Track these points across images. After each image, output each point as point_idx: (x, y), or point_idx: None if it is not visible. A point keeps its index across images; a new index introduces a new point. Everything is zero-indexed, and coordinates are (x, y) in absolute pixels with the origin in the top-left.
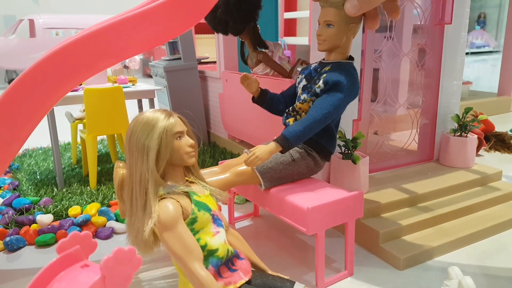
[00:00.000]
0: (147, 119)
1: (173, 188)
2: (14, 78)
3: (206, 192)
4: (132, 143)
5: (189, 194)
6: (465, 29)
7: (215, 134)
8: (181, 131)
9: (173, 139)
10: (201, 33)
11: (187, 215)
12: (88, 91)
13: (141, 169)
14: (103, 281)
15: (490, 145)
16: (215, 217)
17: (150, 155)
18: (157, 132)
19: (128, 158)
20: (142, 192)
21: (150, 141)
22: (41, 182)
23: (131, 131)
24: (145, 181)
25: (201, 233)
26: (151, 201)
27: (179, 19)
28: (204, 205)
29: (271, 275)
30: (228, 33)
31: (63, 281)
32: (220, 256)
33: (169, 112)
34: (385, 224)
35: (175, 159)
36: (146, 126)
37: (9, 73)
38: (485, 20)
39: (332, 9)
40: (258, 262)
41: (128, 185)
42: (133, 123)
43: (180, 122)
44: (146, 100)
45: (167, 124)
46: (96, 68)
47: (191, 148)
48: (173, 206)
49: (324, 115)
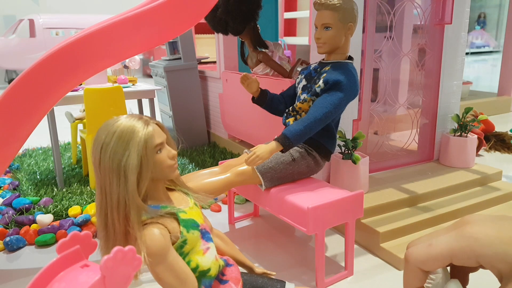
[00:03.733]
0: (121, 129)
1: (156, 211)
2: (14, 78)
3: (190, 201)
4: (104, 160)
5: (176, 214)
6: (465, 29)
7: (215, 134)
8: (161, 143)
9: (154, 154)
10: (201, 33)
11: (175, 239)
12: (88, 91)
13: (118, 192)
14: (103, 281)
15: (490, 145)
16: (203, 231)
17: (130, 177)
18: (136, 148)
19: (98, 177)
20: (121, 218)
21: (128, 160)
22: (41, 182)
23: (102, 145)
24: (124, 207)
25: (191, 255)
26: (135, 229)
27: (179, 19)
28: (192, 222)
29: (260, 276)
30: (228, 33)
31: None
32: (212, 276)
33: (146, 118)
34: (385, 224)
35: (156, 175)
36: (120, 139)
37: (9, 73)
38: (485, 20)
39: (328, 12)
40: (244, 261)
41: (101, 208)
42: (104, 135)
43: (158, 130)
44: (146, 100)
45: (146, 136)
46: (96, 68)
47: (173, 161)
48: (160, 233)
49: (325, 114)
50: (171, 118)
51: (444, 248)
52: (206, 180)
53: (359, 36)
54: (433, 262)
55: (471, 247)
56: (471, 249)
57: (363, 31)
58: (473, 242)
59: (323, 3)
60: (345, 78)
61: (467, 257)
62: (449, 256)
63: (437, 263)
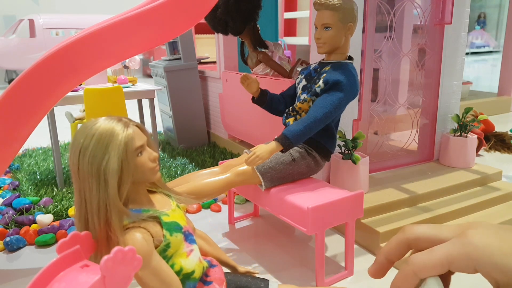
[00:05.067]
0: (100, 132)
1: (138, 215)
2: (14, 78)
3: (172, 203)
4: (82, 164)
5: (158, 217)
6: (465, 29)
7: (215, 134)
8: (141, 145)
9: (134, 156)
10: (201, 33)
11: (158, 243)
12: (88, 91)
13: (98, 197)
14: (103, 281)
15: (490, 145)
16: (187, 234)
17: (110, 182)
18: (116, 151)
19: (76, 182)
20: (102, 223)
21: (108, 164)
22: (41, 182)
23: (80, 148)
24: (105, 212)
25: (174, 258)
26: (116, 234)
27: (179, 19)
28: (175, 225)
29: (244, 276)
30: (228, 33)
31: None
32: (197, 278)
33: (125, 120)
34: (385, 224)
35: (138, 178)
36: (99, 142)
37: (9, 73)
38: (485, 20)
39: (328, 12)
40: (227, 260)
41: (80, 213)
42: (82, 138)
43: (138, 132)
44: (146, 100)
45: (126, 139)
46: (96, 68)
47: (154, 163)
48: (143, 237)
49: (325, 114)
50: (171, 118)
51: (443, 254)
52: (206, 180)
53: (359, 36)
54: (432, 268)
55: (469, 255)
56: (470, 257)
57: (363, 31)
58: (472, 250)
59: (323, 3)
60: (345, 78)
61: (465, 265)
62: (447, 263)
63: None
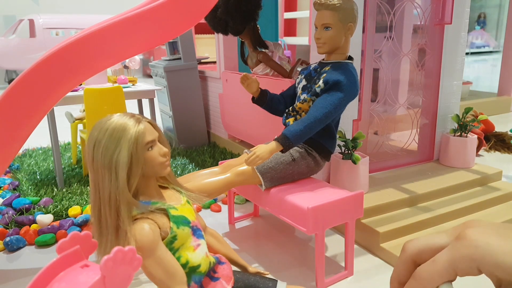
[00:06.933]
0: (113, 127)
1: (147, 206)
2: (14, 78)
3: (182, 199)
4: (96, 156)
5: (166, 210)
6: (465, 29)
7: (215, 134)
8: (152, 140)
9: (145, 150)
10: (201, 33)
11: (165, 235)
12: (88, 91)
13: (110, 188)
14: (103, 281)
15: (490, 145)
16: (195, 229)
17: (120, 173)
18: (126, 145)
19: (91, 172)
20: (112, 213)
21: (119, 156)
22: (41, 182)
23: (94, 142)
24: (116, 202)
25: (181, 250)
26: (125, 224)
27: (179, 19)
28: (182, 219)
29: (253, 275)
30: (228, 33)
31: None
32: (202, 272)
33: (138, 117)
34: (385, 224)
35: (148, 171)
36: (112, 136)
37: (9, 73)
38: (485, 20)
39: (328, 12)
40: (238, 260)
41: (94, 203)
42: (97, 132)
43: (150, 128)
44: (146, 100)
45: (137, 134)
46: (96, 68)
47: (164, 158)
48: (150, 228)
49: (325, 114)
50: (171, 118)
51: (446, 260)
52: (206, 180)
53: (359, 36)
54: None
55: (471, 256)
56: (472, 258)
57: (363, 31)
58: (473, 250)
59: (323, 3)
60: (345, 78)
61: (469, 267)
62: (452, 268)
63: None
